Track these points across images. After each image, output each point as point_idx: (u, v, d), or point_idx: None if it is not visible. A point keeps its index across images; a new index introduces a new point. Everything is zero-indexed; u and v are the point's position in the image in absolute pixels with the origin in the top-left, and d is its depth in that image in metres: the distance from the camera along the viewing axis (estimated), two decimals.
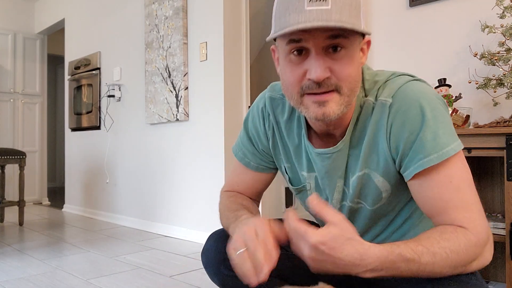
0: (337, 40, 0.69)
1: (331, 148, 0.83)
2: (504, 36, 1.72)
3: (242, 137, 0.99)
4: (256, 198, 1.03)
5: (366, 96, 0.81)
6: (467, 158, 0.86)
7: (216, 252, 0.88)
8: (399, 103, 0.75)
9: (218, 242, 0.89)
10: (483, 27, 1.78)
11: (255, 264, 0.66)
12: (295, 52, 0.71)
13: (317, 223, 1.09)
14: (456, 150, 0.73)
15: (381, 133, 0.78)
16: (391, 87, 0.78)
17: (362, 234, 0.92)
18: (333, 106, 0.71)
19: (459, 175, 0.73)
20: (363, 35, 0.74)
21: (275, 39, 0.75)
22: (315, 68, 0.69)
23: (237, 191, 1.01)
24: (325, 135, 0.84)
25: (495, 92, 1.83)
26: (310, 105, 0.72)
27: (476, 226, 0.71)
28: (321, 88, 0.70)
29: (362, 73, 0.82)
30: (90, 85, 4.14)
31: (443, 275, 0.71)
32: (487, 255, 0.74)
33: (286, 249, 0.89)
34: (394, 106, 0.76)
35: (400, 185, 0.82)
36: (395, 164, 0.79)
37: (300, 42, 0.70)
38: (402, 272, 0.67)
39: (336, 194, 0.89)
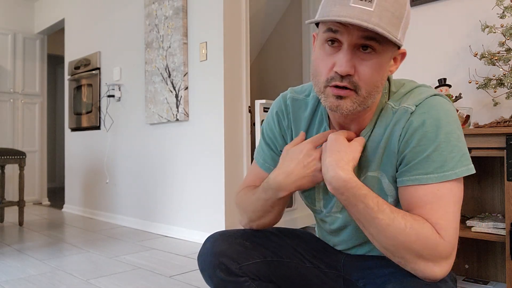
0: (370, 41, 0.72)
1: None
2: (504, 36, 1.72)
3: (262, 145, 1.02)
4: None
5: (388, 100, 0.84)
6: None
7: (213, 256, 0.88)
8: (420, 113, 0.78)
9: (215, 245, 0.89)
10: (483, 27, 1.78)
11: None
12: (329, 42, 0.75)
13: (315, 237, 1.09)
14: (458, 175, 0.75)
15: (395, 135, 0.80)
16: (417, 96, 0.80)
17: (362, 244, 0.93)
18: (348, 102, 0.76)
19: (449, 191, 0.74)
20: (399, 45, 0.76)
21: (317, 26, 0.80)
22: (342, 62, 0.73)
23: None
24: (342, 129, 0.87)
25: (495, 92, 1.83)
26: (330, 96, 0.77)
27: (444, 232, 0.72)
28: (343, 81, 0.74)
29: (389, 81, 0.86)
30: (90, 85, 4.13)
31: (393, 251, 0.72)
32: (436, 270, 0.71)
33: (282, 257, 0.93)
34: (414, 114, 0.78)
35: None
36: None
37: (336, 34, 0.73)
38: (356, 211, 0.74)
39: None
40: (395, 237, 0.70)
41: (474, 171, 0.76)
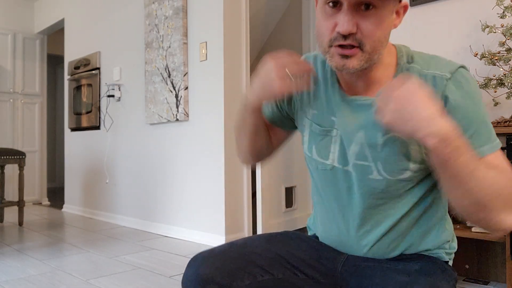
0: None
1: (365, 97, 0.85)
2: (505, 36, 1.72)
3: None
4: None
5: (409, 64, 0.84)
6: None
7: (198, 283, 0.81)
8: (460, 82, 0.78)
9: (199, 270, 0.82)
10: (483, 27, 1.78)
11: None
12: (330, 4, 0.76)
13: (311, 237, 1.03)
14: (500, 145, 0.78)
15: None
16: (447, 63, 0.80)
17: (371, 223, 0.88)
18: (354, 61, 0.77)
19: (503, 157, 0.77)
20: None
21: None
22: (343, 22, 0.74)
23: None
24: (350, 89, 0.87)
25: (495, 92, 1.83)
26: (335, 55, 0.78)
27: None
28: (346, 40, 0.75)
29: (407, 49, 0.86)
30: (89, 85, 4.13)
31: (480, 193, 0.70)
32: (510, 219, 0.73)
33: (273, 273, 0.87)
34: (452, 82, 0.78)
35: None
36: None
37: None
38: (457, 165, 0.68)
39: (354, 146, 0.85)
40: (491, 187, 0.70)
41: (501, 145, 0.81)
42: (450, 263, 0.92)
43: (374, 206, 0.86)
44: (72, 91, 4.43)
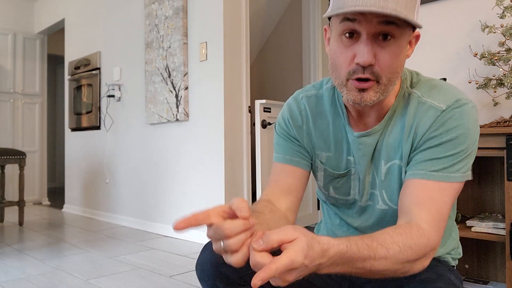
0: (389, 27, 0.71)
1: (368, 130, 0.85)
2: (504, 36, 1.72)
3: (277, 141, 0.97)
4: (289, 201, 0.93)
5: (412, 88, 0.84)
6: None
7: (212, 266, 0.83)
8: (450, 117, 0.77)
9: (214, 254, 0.82)
10: (483, 27, 1.78)
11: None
12: (347, 35, 0.74)
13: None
14: (459, 180, 0.77)
15: (420, 130, 0.80)
16: (447, 95, 0.79)
17: None
18: (371, 94, 0.76)
19: (445, 193, 0.76)
20: (413, 28, 0.76)
21: (329, 19, 0.79)
22: (363, 53, 0.72)
23: (267, 197, 0.95)
24: (361, 117, 0.86)
25: (495, 92, 1.83)
26: (352, 89, 0.76)
27: (431, 230, 0.72)
28: (365, 73, 0.74)
29: (411, 72, 0.86)
30: (90, 85, 4.14)
31: (393, 273, 0.70)
32: (426, 263, 0.73)
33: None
34: (444, 116, 0.78)
35: None
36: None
37: (354, 23, 0.72)
38: (357, 269, 0.66)
39: (367, 177, 0.88)
40: (395, 264, 0.69)
41: (469, 178, 0.79)
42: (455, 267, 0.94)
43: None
44: (72, 91, 4.44)
